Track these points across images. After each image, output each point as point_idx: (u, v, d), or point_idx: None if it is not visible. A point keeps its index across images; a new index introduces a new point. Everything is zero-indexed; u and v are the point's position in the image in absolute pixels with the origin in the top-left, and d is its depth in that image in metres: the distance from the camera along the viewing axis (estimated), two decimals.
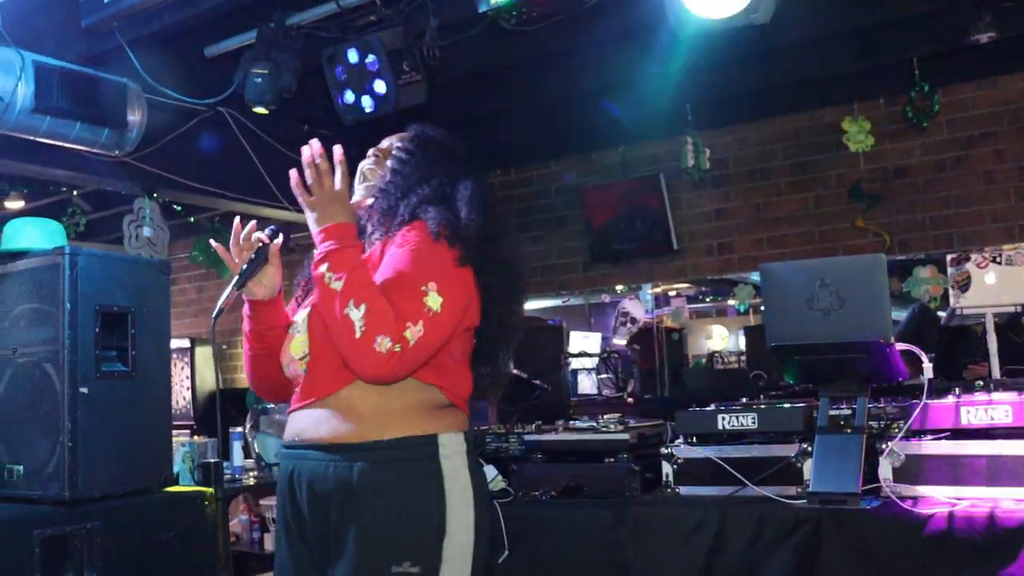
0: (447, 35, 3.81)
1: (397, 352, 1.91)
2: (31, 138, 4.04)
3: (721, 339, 11.78)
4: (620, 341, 7.89)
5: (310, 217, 2.05)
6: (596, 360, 8.31)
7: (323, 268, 1.98)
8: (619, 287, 7.82)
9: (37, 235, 3.44)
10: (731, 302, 11.40)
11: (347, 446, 2.00)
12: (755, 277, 7.32)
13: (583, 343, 8.46)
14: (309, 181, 2.01)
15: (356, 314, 1.91)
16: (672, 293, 9.54)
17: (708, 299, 10.93)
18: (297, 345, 2.13)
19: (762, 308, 10.63)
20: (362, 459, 1.98)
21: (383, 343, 1.90)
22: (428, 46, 3.64)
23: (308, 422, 2.08)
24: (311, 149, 2.02)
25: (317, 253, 2.01)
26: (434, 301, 1.97)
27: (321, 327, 2.05)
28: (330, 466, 2.00)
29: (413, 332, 1.93)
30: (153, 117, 4.40)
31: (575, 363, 7.64)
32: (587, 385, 8.09)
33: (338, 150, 2.04)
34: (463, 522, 2.01)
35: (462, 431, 2.08)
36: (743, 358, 8.56)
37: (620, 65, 4.96)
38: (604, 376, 8.07)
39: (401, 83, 3.84)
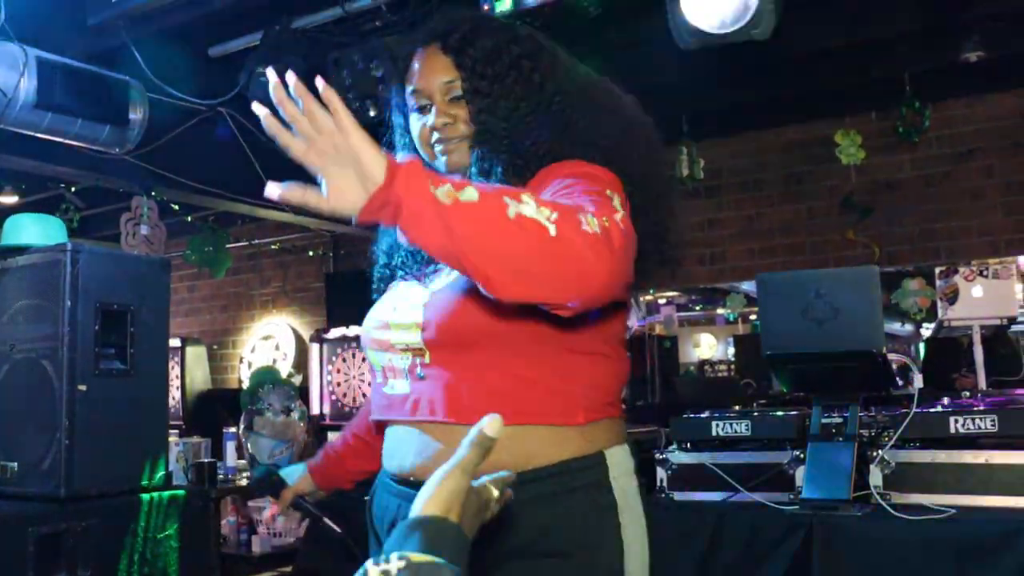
0: None
1: (615, 228, 1.28)
2: (32, 134, 4.05)
3: (709, 347, 11.87)
4: None
5: (336, 179, 1.18)
6: None
7: (438, 190, 1.18)
8: None
9: (38, 231, 3.46)
10: (720, 311, 11.47)
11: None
12: (746, 286, 7.39)
13: None
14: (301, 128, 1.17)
15: (530, 208, 1.21)
16: (662, 301, 9.61)
17: (698, 307, 11.01)
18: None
19: (751, 317, 10.77)
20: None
21: (590, 221, 1.25)
22: None
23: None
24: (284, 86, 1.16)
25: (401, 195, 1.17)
26: (620, 207, 1.39)
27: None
28: None
29: (615, 220, 1.31)
30: (153, 115, 4.42)
31: None
32: None
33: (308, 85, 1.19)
34: (641, 567, 1.53)
35: (625, 441, 1.60)
36: (732, 366, 8.63)
37: (618, 74, 5.00)
38: None
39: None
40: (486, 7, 3.66)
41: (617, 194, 1.42)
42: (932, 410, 2.88)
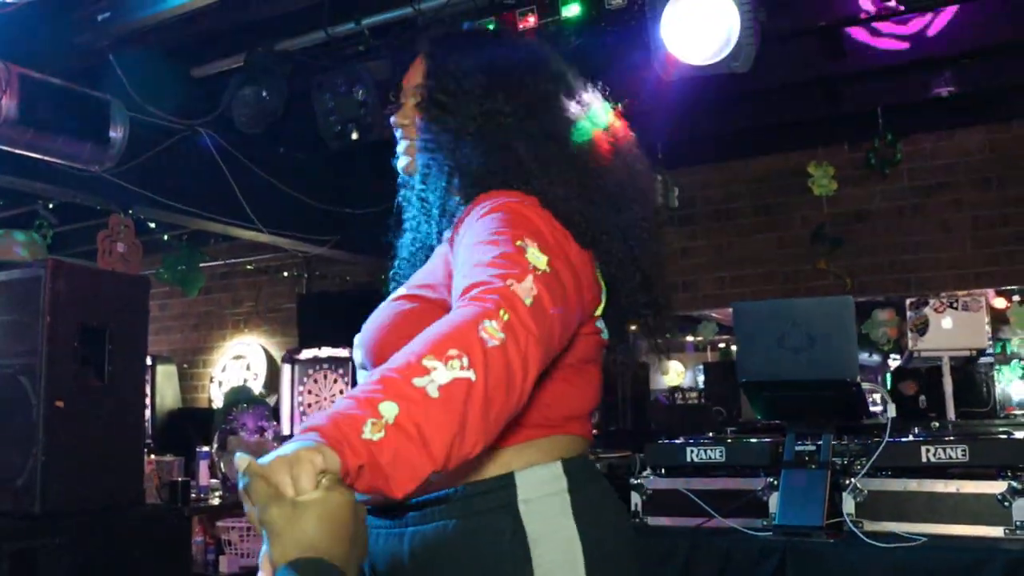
0: None
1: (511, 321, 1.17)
2: (12, 150, 4.05)
3: (677, 374, 11.90)
4: None
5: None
6: None
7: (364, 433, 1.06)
8: None
9: (18, 246, 3.46)
10: (690, 338, 11.52)
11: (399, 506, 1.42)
12: (716, 315, 7.44)
13: None
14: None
15: (441, 372, 1.11)
16: (631, 328, 9.65)
17: (668, 335, 11.07)
18: None
19: (720, 345, 10.80)
20: (417, 522, 1.43)
21: (489, 327, 1.16)
22: None
23: None
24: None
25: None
26: (537, 258, 1.29)
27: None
28: (380, 536, 1.46)
29: (522, 289, 1.22)
30: (132, 133, 4.43)
31: None
32: None
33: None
34: None
35: (559, 459, 1.45)
36: (702, 394, 8.68)
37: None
38: None
39: (387, 112, 3.90)
40: None
41: (534, 239, 1.33)
42: (904, 439, 2.93)
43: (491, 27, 3.65)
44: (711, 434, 3.52)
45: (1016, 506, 2.60)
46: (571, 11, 3.43)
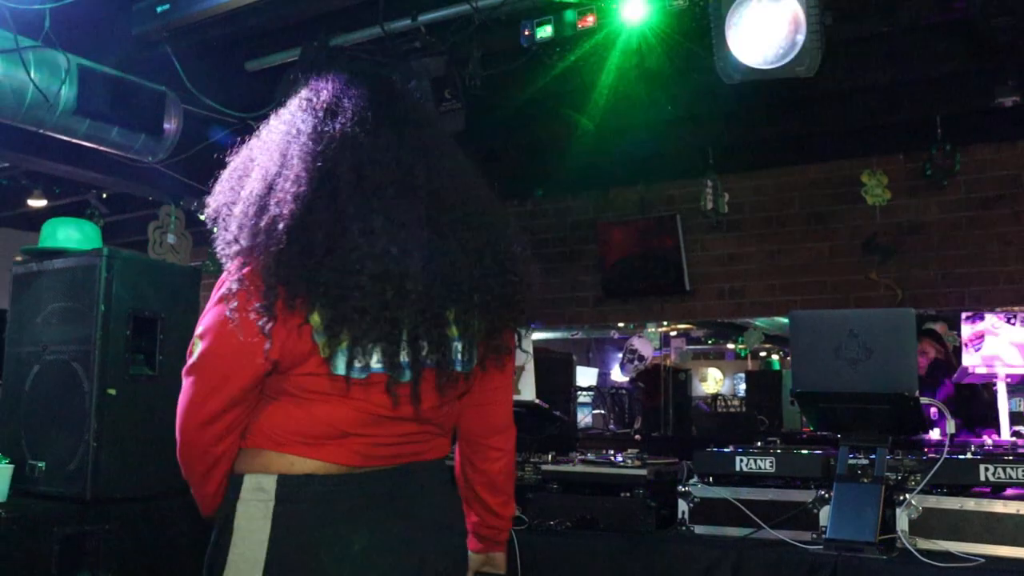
0: (489, 66, 3.88)
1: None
2: (68, 139, 4.09)
3: (715, 382, 11.84)
4: (624, 378, 7.92)
5: None
6: (592, 395, 8.37)
7: None
8: (620, 324, 7.86)
9: (74, 235, 3.48)
10: (729, 346, 11.44)
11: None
12: (759, 322, 7.37)
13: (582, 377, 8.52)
14: None
15: None
16: (673, 334, 9.59)
17: (710, 341, 10.99)
18: None
19: (762, 354, 10.66)
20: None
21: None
22: (470, 75, 3.72)
23: None
24: None
25: None
26: (197, 347, 1.66)
27: None
28: None
29: (186, 383, 1.69)
30: (185, 125, 4.46)
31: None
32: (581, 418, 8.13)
33: None
34: None
35: (278, 473, 1.66)
36: (743, 402, 8.60)
37: (650, 104, 5.02)
38: (597, 411, 8.11)
39: (441, 110, 3.90)
40: (527, 32, 3.69)
41: (212, 320, 1.62)
42: (962, 457, 2.86)
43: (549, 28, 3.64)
44: (759, 444, 3.46)
45: None
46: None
